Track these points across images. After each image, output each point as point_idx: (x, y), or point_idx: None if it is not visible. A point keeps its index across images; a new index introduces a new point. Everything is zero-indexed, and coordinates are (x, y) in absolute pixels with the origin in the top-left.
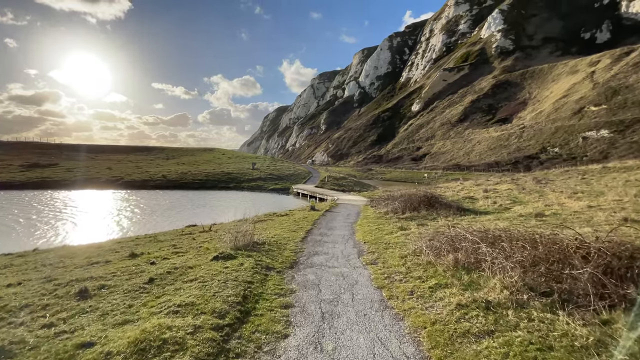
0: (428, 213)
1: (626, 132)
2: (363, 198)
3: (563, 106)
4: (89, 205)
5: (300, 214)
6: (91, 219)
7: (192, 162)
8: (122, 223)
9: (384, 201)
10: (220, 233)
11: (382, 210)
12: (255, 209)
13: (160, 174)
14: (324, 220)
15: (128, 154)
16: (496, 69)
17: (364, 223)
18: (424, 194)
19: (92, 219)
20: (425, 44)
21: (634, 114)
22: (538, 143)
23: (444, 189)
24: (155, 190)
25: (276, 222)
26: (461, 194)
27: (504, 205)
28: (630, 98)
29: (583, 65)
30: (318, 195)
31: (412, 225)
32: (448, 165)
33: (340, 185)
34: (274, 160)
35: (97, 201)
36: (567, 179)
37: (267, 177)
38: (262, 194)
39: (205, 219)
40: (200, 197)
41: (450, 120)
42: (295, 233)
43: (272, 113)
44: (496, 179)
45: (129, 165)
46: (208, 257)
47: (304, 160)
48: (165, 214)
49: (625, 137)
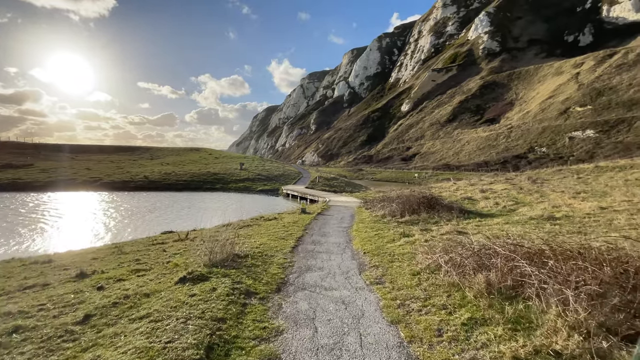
0: (429, 216)
1: (611, 132)
2: (356, 199)
3: (549, 107)
4: (59, 209)
5: (290, 217)
6: (59, 225)
7: (177, 163)
8: (95, 229)
9: (379, 203)
10: (197, 243)
11: (379, 213)
12: (242, 211)
13: (142, 175)
14: (316, 224)
15: (110, 154)
16: (483, 70)
17: (360, 228)
18: (423, 195)
19: (61, 225)
20: (414, 44)
21: (618, 115)
22: (526, 143)
23: (438, 189)
24: (136, 191)
25: (263, 227)
26: (458, 195)
27: (507, 207)
28: (614, 99)
29: (568, 66)
30: (309, 197)
31: (415, 231)
32: (438, 165)
33: (331, 186)
34: (262, 161)
35: (70, 204)
36: (563, 178)
37: (255, 177)
38: (250, 195)
39: (187, 223)
40: (184, 199)
41: (440, 121)
42: (284, 241)
43: (262, 113)
44: (490, 179)
45: (109, 165)
46: (173, 278)
47: (294, 160)
48: (143, 218)
49: (610, 137)
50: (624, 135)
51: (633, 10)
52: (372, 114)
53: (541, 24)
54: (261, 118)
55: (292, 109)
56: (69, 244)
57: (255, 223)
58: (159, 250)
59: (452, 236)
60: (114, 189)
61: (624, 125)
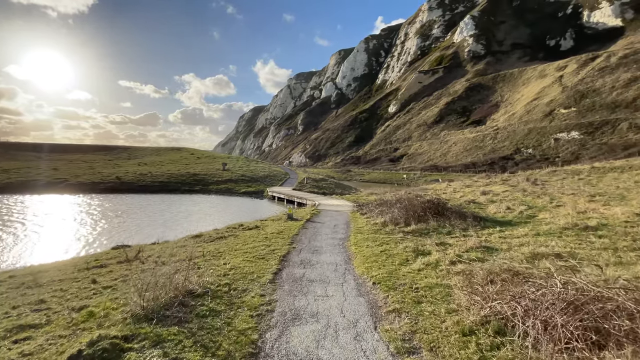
0: (439, 224)
1: (595, 134)
2: (347, 202)
3: (534, 108)
4: (8, 214)
5: (274, 226)
6: (4, 234)
7: (155, 163)
8: (34, 241)
9: (377, 207)
10: (147, 265)
11: (378, 220)
12: (220, 218)
13: (114, 175)
14: (306, 235)
15: (86, 153)
16: (469, 72)
17: (360, 241)
18: (428, 199)
19: (6, 234)
20: (401, 47)
21: (602, 116)
22: (512, 144)
23: (433, 191)
24: (106, 194)
25: (240, 240)
26: (459, 197)
27: (524, 213)
28: (598, 101)
29: (551, 69)
30: (296, 200)
31: (430, 246)
32: (425, 166)
33: (320, 187)
34: (247, 161)
35: (24, 208)
36: (562, 179)
37: (238, 178)
38: (232, 198)
39: (151, 232)
40: (158, 202)
41: (427, 122)
42: (263, 263)
43: (248, 113)
44: (484, 180)
45: (80, 165)
46: (64, 354)
47: (281, 161)
48: (101, 226)
49: (595, 139)
50: (608, 137)
51: (613, 16)
52: (359, 115)
53: (524, 28)
54: (248, 118)
55: (279, 109)
56: (7, 259)
57: (231, 234)
58: (87, 281)
59: (484, 256)
60: (80, 191)
61: (608, 127)
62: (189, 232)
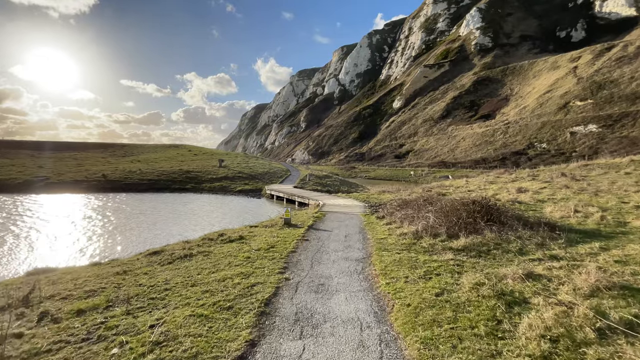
0: (500, 237)
1: (615, 127)
2: (357, 202)
3: (547, 101)
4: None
5: (264, 235)
6: None
7: (150, 160)
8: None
9: (398, 210)
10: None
11: (407, 230)
12: (204, 222)
13: (100, 173)
14: (306, 253)
15: (81, 151)
16: (476, 65)
17: (390, 266)
18: (475, 200)
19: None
20: (405, 41)
21: (621, 108)
22: (525, 139)
23: (454, 188)
24: (89, 192)
25: (210, 262)
26: (490, 195)
27: (609, 219)
28: (616, 92)
29: (564, 61)
30: (297, 199)
31: (513, 281)
32: (433, 162)
33: (324, 185)
34: (247, 157)
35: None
36: (602, 174)
37: (235, 176)
38: (226, 197)
39: (104, 245)
40: (138, 202)
41: (433, 117)
42: (225, 325)
43: (251, 111)
44: (507, 175)
45: (69, 163)
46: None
47: (284, 158)
48: (45, 234)
49: (614, 132)
50: (628, 130)
51: (626, 5)
52: (363, 111)
53: (532, 20)
54: (250, 116)
55: (281, 106)
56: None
57: (203, 250)
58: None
59: None
60: (59, 190)
61: (629, 119)
62: (153, 244)
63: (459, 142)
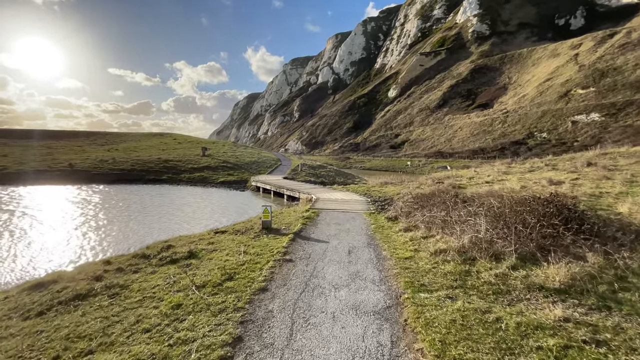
0: (606, 260)
1: (619, 116)
2: (357, 196)
3: (548, 89)
4: None
5: (229, 249)
6: None
7: (129, 149)
8: None
9: (417, 210)
10: None
11: (443, 244)
12: (163, 223)
13: (67, 163)
14: (286, 292)
15: (59, 139)
16: (474, 53)
17: (447, 335)
18: (547, 199)
19: None
20: (400, 29)
21: (625, 97)
22: (524, 128)
23: (464, 180)
24: (49, 184)
25: (118, 307)
26: (518, 189)
27: None
28: (619, 80)
29: (564, 48)
30: (286, 192)
31: None
32: (429, 152)
33: (318, 175)
34: (234, 146)
35: None
36: (635, 163)
37: (218, 165)
38: (205, 189)
39: (40, 250)
40: (101, 195)
41: (429, 106)
42: None
43: (243, 100)
44: (522, 165)
45: (37, 152)
46: None
47: (277, 148)
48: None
49: (618, 121)
50: (633, 119)
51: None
52: (358, 100)
53: (531, 7)
54: (243, 106)
55: (274, 96)
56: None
57: (116, 282)
58: None
59: None
60: (13, 182)
61: (633, 107)
62: (67, 259)
63: (456, 132)
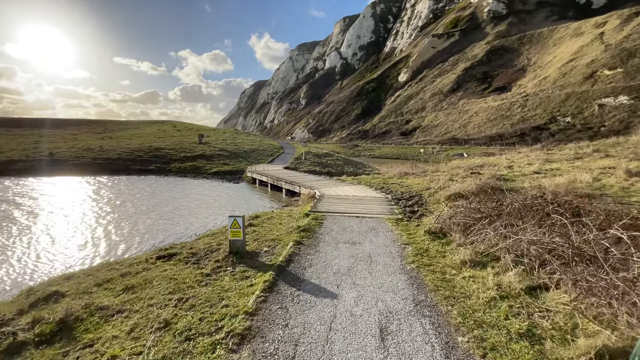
0: None
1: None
2: (372, 191)
3: (571, 71)
4: None
5: (144, 315)
6: None
7: (124, 137)
8: None
9: (487, 222)
10: None
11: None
12: (121, 233)
13: (47, 152)
14: None
15: (55, 128)
16: (489, 34)
17: None
18: None
19: None
20: (411, 10)
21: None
22: (546, 112)
23: (505, 170)
24: (22, 176)
25: None
26: (589, 179)
27: None
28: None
29: (588, 27)
30: (285, 185)
31: None
32: (443, 139)
33: (324, 165)
34: (236, 133)
35: None
36: None
37: (214, 154)
38: (194, 181)
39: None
40: (64, 189)
41: (442, 90)
42: None
43: (249, 88)
44: (563, 152)
45: (22, 140)
46: None
47: (283, 137)
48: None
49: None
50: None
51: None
52: (366, 85)
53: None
54: (249, 94)
55: (281, 83)
56: None
57: None
58: None
59: None
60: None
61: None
62: None
63: (471, 117)
